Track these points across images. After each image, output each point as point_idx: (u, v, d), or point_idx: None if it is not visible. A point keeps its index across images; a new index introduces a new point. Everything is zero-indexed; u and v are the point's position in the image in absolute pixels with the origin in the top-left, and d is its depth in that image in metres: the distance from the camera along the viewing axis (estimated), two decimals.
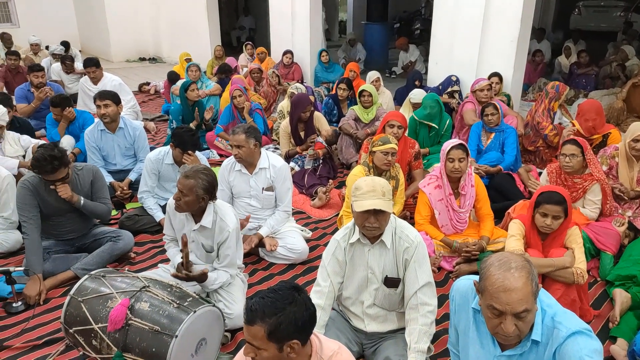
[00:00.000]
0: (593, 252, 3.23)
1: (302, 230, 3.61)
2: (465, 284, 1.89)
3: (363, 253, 2.21)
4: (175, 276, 2.56)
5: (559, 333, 1.59)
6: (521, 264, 1.57)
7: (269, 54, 9.20)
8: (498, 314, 1.56)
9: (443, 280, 3.16)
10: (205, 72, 7.85)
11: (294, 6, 8.42)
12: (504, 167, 4.15)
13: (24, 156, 4.27)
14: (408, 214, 3.77)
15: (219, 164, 4.96)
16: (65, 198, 3.04)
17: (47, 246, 3.17)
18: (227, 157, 4.28)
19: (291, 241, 3.38)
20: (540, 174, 4.17)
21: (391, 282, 2.19)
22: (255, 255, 3.45)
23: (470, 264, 3.17)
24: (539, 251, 2.64)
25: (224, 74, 7.31)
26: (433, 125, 4.77)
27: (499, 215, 3.58)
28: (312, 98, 5.49)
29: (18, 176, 3.88)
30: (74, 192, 3.10)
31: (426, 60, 7.76)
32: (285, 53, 8.19)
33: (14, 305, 2.85)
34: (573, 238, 2.62)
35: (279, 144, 5.33)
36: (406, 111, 5.39)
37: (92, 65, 6.20)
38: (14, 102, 5.75)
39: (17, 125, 4.69)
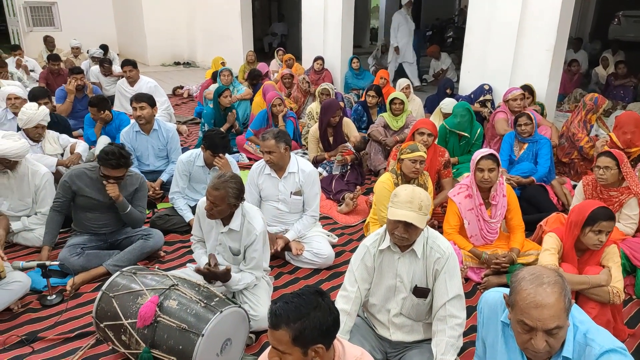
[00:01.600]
0: (629, 269, 3.12)
1: (328, 236, 3.62)
2: (494, 296, 1.85)
3: (393, 261, 2.19)
4: (198, 271, 2.59)
5: (592, 351, 1.54)
6: (554, 279, 1.53)
7: (301, 60, 9.28)
8: (528, 329, 1.53)
9: (471, 291, 3.11)
10: (237, 77, 7.98)
11: (327, 13, 8.49)
12: (536, 179, 4.06)
13: (62, 154, 4.43)
14: (436, 223, 3.73)
15: (248, 167, 5.02)
16: (112, 197, 3.16)
17: (82, 242, 3.28)
18: (256, 160, 4.33)
19: (317, 246, 3.39)
20: (574, 186, 4.06)
21: (420, 292, 2.16)
22: (281, 259, 3.47)
23: (499, 277, 3.10)
24: (574, 267, 2.56)
25: (255, 79, 7.42)
26: (464, 134, 4.71)
27: (531, 228, 3.50)
28: (341, 104, 5.51)
29: (56, 174, 4.03)
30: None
31: (458, 69, 7.68)
32: (316, 59, 8.25)
33: (48, 298, 2.95)
34: (610, 256, 2.54)
35: (307, 149, 5.36)
36: (436, 119, 5.34)
37: (130, 65, 6.42)
38: (54, 103, 5.99)
39: (55, 120, 4.84)
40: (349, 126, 5.07)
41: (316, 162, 4.92)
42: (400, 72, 10.06)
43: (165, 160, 4.58)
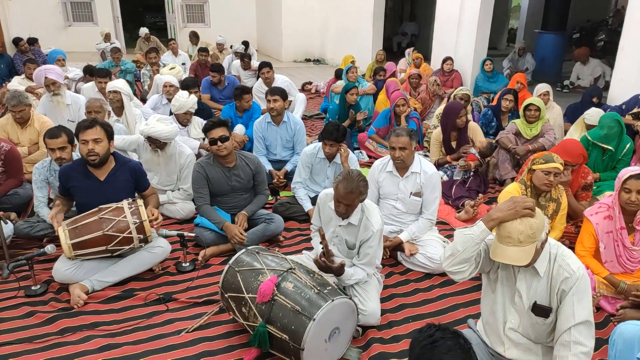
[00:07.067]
0: None
1: (443, 241, 3.52)
2: (631, 329, 1.68)
3: (511, 275, 2.07)
4: (315, 262, 2.69)
5: None
6: None
7: (429, 60, 9.08)
8: None
9: (602, 322, 2.80)
10: (363, 75, 8.12)
11: (463, 11, 8.18)
12: None
13: (204, 139, 4.91)
14: (567, 243, 3.41)
15: (368, 165, 5.09)
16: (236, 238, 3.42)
17: None
18: (376, 159, 4.36)
19: (432, 250, 3.32)
20: None
21: (540, 311, 2.01)
22: (393, 259, 3.47)
23: (638, 311, 2.75)
24: None
25: (376, 73, 7.57)
26: (608, 147, 4.23)
27: None
28: (469, 107, 5.29)
29: (198, 156, 4.50)
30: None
31: (608, 76, 6.90)
32: (445, 60, 8.02)
33: (183, 265, 3.32)
34: None
35: (429, 151, 5.25)
36: (578, 131, 4.87)
37: (267, 66, 6.73)
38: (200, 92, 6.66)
39: (201, 108, 5.37)
40: (474, 131, 4.86)
41: (437, 166, 4.80)
42: (536, 76, 9.35)
43: (291, 151, 4.84)
